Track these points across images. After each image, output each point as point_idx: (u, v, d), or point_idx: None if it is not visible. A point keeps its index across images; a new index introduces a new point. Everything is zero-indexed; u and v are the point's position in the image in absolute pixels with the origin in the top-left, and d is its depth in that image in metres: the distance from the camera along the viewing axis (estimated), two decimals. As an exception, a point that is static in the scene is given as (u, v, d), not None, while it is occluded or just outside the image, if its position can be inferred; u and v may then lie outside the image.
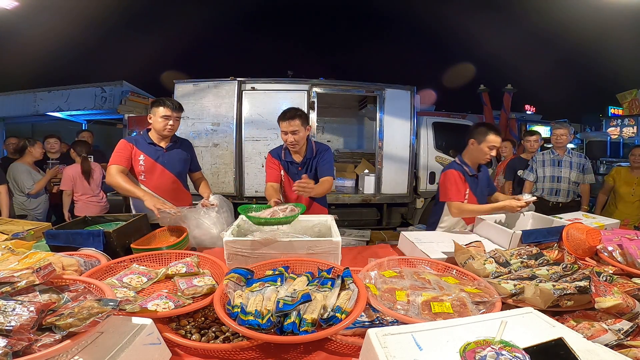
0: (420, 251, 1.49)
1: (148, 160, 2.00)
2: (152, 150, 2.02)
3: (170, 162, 2.06)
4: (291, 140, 1.97)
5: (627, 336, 0.81)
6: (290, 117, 1.94)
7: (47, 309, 0.70)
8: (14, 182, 3.30)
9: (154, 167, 2.01)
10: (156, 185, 2.01)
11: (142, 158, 1.99)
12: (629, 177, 3.26)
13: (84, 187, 3.42)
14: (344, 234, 4.23)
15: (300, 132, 1.97)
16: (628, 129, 10.85)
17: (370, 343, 0.70)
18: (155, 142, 2.04)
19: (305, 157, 2.09)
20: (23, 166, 3.35)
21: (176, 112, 2.00)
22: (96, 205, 3.52)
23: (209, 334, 0.93)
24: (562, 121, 8.40)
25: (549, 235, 1.56)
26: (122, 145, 1.97)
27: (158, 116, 1.96)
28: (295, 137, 1.96)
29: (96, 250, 1.34)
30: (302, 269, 1.21)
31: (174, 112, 1.99)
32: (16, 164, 3.35)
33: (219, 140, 4.34)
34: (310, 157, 2.09)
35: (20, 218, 3.21)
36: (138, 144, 2.01)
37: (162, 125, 1.97)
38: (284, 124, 1.95)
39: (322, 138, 5.96)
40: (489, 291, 1.03)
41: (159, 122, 1.97)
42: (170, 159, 2.06)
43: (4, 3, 4.43)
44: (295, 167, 2.10)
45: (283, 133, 1.99)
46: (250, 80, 4.34)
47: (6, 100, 7.12)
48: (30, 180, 3.34)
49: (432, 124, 5.05)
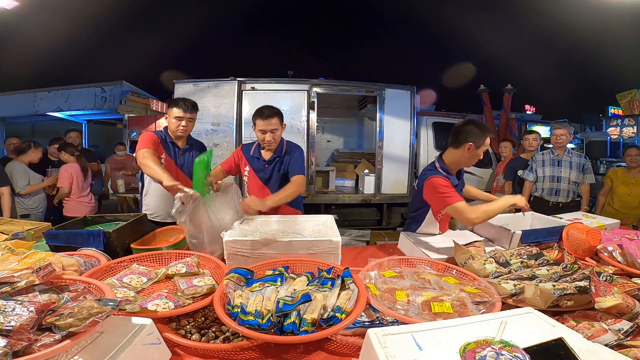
0: (420, 251, 1.50)
1: (168, 159, 2.01)
2: (172, 150, 2.03)
3: (186, 163, 2.06)
4: (269, 139, 1.92)
5: (627, 336, 0.81)
6: (269, 115, 1.89)
7: (47, 309, 0.70)
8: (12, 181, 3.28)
9: (171, 168, 2.00)
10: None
11: (164, 157, 1.98)
12: (625, 177, 3.26)
13: (78, 187, 3.44)
14: (344, 234, 4.23)
15: (278, 130, 1.93)
16: (628, 129, 10.85)
17: (370, 343, 0.70)
18: (175, 141, 2.05)
19: (273, 155, 2.03)
20: (21, 165, 3.34)
21: (190, 112, 2.00)
22: (86, 206, 3.55)
23: (209, 334, 0.93)
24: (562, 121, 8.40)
25: (549, 235, 1.56)
26: (151, 136, 1.95)
27: (172, 117, 1.97)
28: (273, 136, 1.92)
29: (96, 250, 1.34)
30: (302, 269, 1.21)
31: (187, 112, 1.98)
32: (14, 162, 3.33)
33: (219, 140, 4.33)
34: (280, 155, 2.03)
35: (24, 217, 3.22)
36: (163, 141, 2.01)
37: (175, 126, 1.98)
38: (262, 122, 1.89)
39: (322, 138, 5.96)
40: (489, 291, 1.03)
41: (172, 123, 1.98)
42: (185, 160, 2.07)
43: (4, 3, 4.42)
44: (262, 164, 2.04)
45: (260, 132, 1.92)
46: (250, 80, 4.34)
47: (6, 100, 7.13)
48: (24, 180, 3.31)
49: (432, 124, 5.06)
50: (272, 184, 2.04)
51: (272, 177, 2.04)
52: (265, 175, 2.04)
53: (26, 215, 3.33)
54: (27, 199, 3.36)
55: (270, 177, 2.04)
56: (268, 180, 2.05)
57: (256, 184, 2.07)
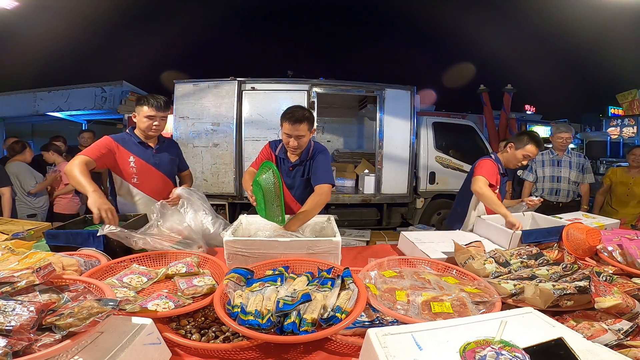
0: (420, 251, 1.49)
1: (139, 161, 1.87)
2: (142, 151, 1.89)
3: (161, 163, 1.95)
4: (294, 144, 1.76)
5: (627, 336, 0.81)
6: (298, 120, 1.70)
7: (47, 309, 0.70)
8: (17, 181, 3.27)
9: (146, 169, 1.89)
10: (150, 188, 1.91)
11: (133, 160, 1.85)
12: (625, 177, 3.27)
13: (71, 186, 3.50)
14: (344, 234, 4.23)
15: (305, 136, 1.77)
16: (628, 129, 10.86)
17: (370, 343, 0.70)
18: (144, 141, 1.90)
19: (300, 159, 1.90)
20: (25, 165, 3.35)
21: (162, 111, 1.84)
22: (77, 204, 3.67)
23: (209, 333, 0.93)
24: (562, 121, 8.41)
25: (549, 235, 1.56)
26: (103, 142, 1.80)
27: (142, 115, 1.82)
28: (299, 142, 1.76)
29: (96, 250, 1.33)
30: (302, 269, 1.21)
31: (159, 111, 1.83)
32: (18, 162, 3.33)
33: (219, 140, 4.34)
34: (305, 158, 1.89)
35: (31, 217, 3.24)
36: (126, 144, 1.86)
37: (146, 125, 1.83)
38: (289, 126, 1.72)
39: (322, 138, 5.96)
40: (489, 291, 1.03)
41: (143, 122, 1.83)
42: (161, 159, 1.96)
43: (4, 3, 4.42)
44: (287, 166, 1.92)
45: (286, 135, 1.76)
46: (250, 80, 4.34)
47: (6, 100, 7.12)
48: (32, 180, 3.34)
49: (432, 124, 5.05)
50: (295, 189, 1.94)
51: (296, 182, 1.93)
52: (289, 180, 1.93)
53: (33, 214, 3.34)
54: (34, 198, 3.38)
55: (294, 182, 1.93)
56: (292, 186, 1.94)
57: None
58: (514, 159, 2.10)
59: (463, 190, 2.25)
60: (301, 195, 1.94)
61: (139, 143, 1.89)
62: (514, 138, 2.15)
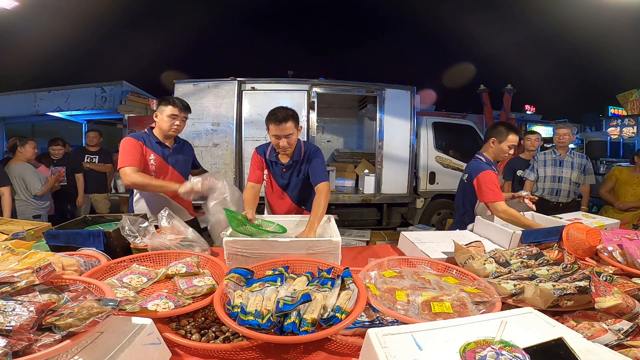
0: (420, 251, 1.49)
1: (158, 159, 1.93)
2: (160, 150, 1.95)
3: (177, 162, 2.02)
4: (284, 144, 1.79)
5: (627, 336, 0.81)
6: (283, 119, 1.74)
7: (47, 309, 0.70)
8: (22, 183, 3.25)
9: (164, 167, 1.95)
10: None
11: (153, 157, 1.91)
12: (630, 177, 3.27)
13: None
14: (344, 234, 4.23)
15: (293, 135, 1.80)
16: (628, 129, 10.86)
17: (370, 343, 0.69)
18: (162, 141, 1.97)
19: (292, 159, 1.92)
20: (30, 166, 3.33)
21: (183, 112, 1.94)
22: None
23: (209, 334, 0.93)
24: (562, 121, 8.42)
25: (549, 235, 1.56)
26: (131, 144, 1.84)
27: (165, 115, 1.90)
28: (288, 141, 1.79)
29: (96, 250, 1.34)
30: (302, 269, 1.21)
31: (182, 112, 1.93)
32: (22, 164, 3.30)
33: (219, 140, 4.34)
34: (298, 159, 1.93)
35: (36, 218, 3.23)
36: (146, 142, 1.91)
37: (168, 124, 1.91)
38: (275, 127, 1.75)
39: (322, 138, 5.96)
40: (489, 291, 1.03)
41: (165, 121, 1.91)
42: (177, 159, 2.02)
43: (4, 3, 4.42)
44: (279, 168, 1.96)
45: (274, 137, 1.79)
46: (250, 80, 4.34)
47: (6, 100, 7.12)
48: (38, 183, 3.32)
49: (432, 124, 5.05)
50: (290, 189, 1.99)
51: (291, 183, 1.97)
52: (284, 182, 1.97)
53: (38, 215, 3.34)
54: (40, 199, 3.38)
55: (289, 183, 1.97)
56: (287, 186, 1.99)
57: (276, 191, 2.01)
58: (501, 152, 2.11)
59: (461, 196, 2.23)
60: (297, 196, 1.97)
61: (157, 143, 1.96)
62: (493, 132, 2.14)
